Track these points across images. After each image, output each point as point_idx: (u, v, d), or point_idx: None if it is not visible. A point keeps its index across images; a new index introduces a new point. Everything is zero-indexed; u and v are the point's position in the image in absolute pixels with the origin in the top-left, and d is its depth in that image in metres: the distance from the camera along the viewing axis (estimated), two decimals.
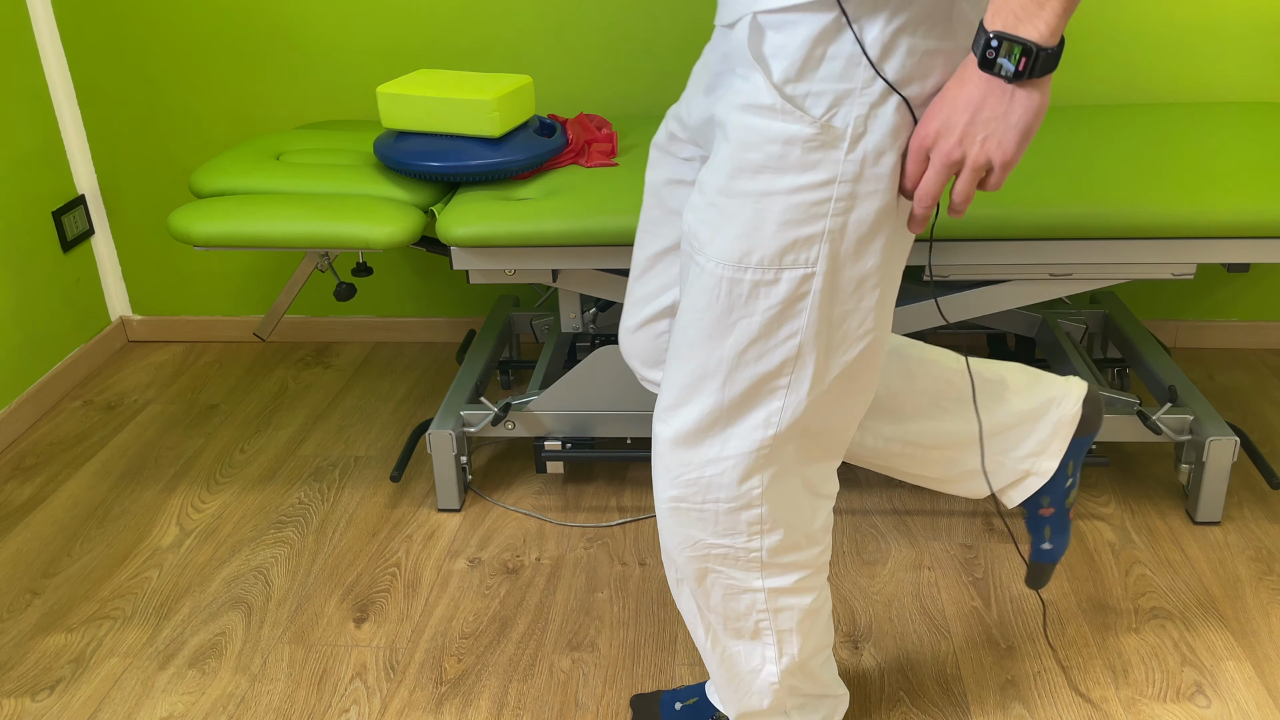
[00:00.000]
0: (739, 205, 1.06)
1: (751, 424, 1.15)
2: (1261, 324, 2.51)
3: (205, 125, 2.52)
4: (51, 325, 2.49)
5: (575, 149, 1.93)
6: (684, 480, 1.19)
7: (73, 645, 1.70)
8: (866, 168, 1.02)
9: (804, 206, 1.04)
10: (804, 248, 1.05)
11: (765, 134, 1.03)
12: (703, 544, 1.22)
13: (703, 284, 1.11)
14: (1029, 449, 1.40)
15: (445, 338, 2.70)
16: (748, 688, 1.32)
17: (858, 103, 1.00)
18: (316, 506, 2.04)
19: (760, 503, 1.19)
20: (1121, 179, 1.74)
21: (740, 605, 1.26)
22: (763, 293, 1.08)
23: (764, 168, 1.04)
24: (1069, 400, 1.39)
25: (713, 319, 1.11)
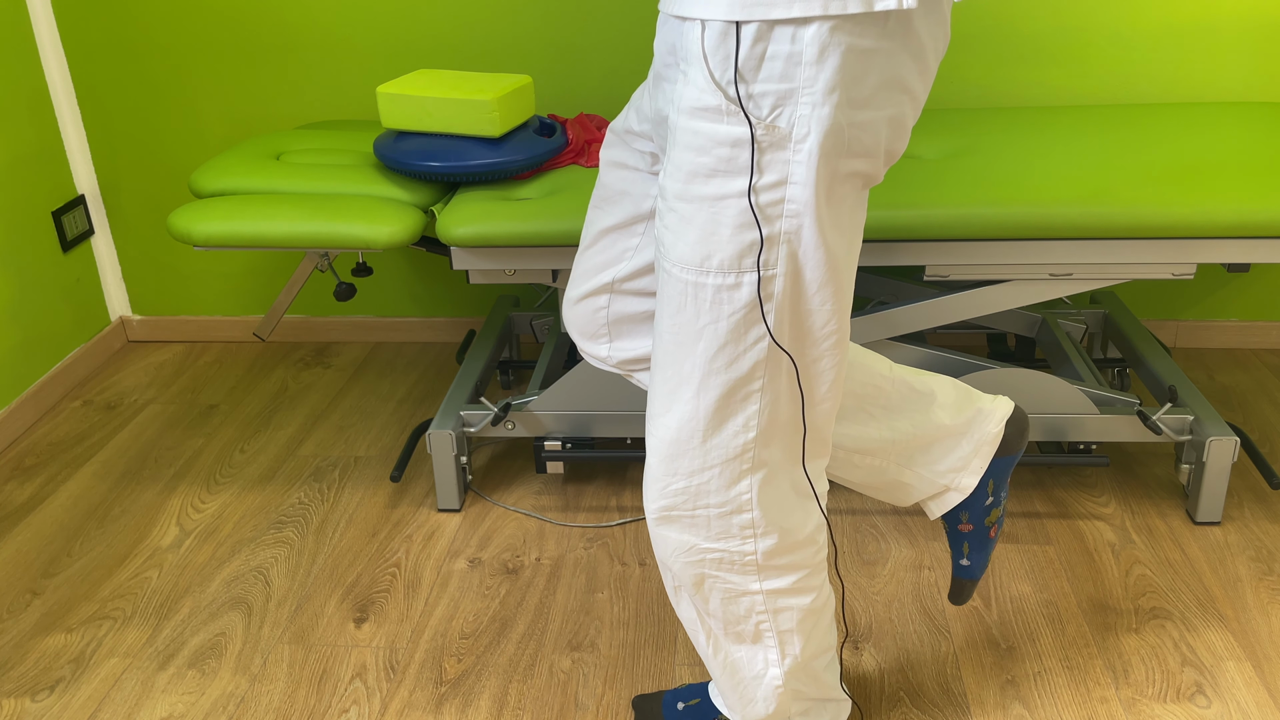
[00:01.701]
0: (695, 210, 1.07)
1: (732, 429, 1.15)
2: (1261, 324, 2.51)
3: (205, 125, 2.52)
4: (51, 325, 2.49)
5: (575, 149, 1.93)
6: (673, 490, 1.20)
7: (73, 645, 1.70)
8: (812, 168, 1.02)
9: (758, 208, 1.04)
10: (763, 250, 1.06)
11: (714, 138, 1.03)
12: (697, 549, 1.23)
13: (670, 291, 1.12)
14: (950, 464, 1.41)
15: (445, 338, 2.70)
16: (752, 694, 1.32)
17: (801, 102, 1.00)
18: (316, 506, 2.04)
19: (751, 507, 1.19)
20: (1121, 179, 1.74)
21: (740, 608, 1.26)
22: (726, 297, 1.08)
23: (715, 171, 1.04)
24: (993, 419, 1.40)
25: (681, 326, 1.12)
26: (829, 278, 1.09)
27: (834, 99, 1.00)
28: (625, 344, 1.37)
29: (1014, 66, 2.31)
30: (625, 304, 1.35)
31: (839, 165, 1.04)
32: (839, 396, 1.19)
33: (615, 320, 1.36)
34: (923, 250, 1.75)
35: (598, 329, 1.38)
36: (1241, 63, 2.27)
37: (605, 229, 1.33)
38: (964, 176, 1.79)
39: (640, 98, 1.25)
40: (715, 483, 1.18)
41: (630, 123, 1.27)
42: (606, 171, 1.31)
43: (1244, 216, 1.66)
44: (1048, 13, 2.26)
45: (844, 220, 1.08)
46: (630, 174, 1.29)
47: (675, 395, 1.16)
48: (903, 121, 1.07)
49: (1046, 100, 2.33)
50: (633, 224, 1.30)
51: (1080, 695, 1.54)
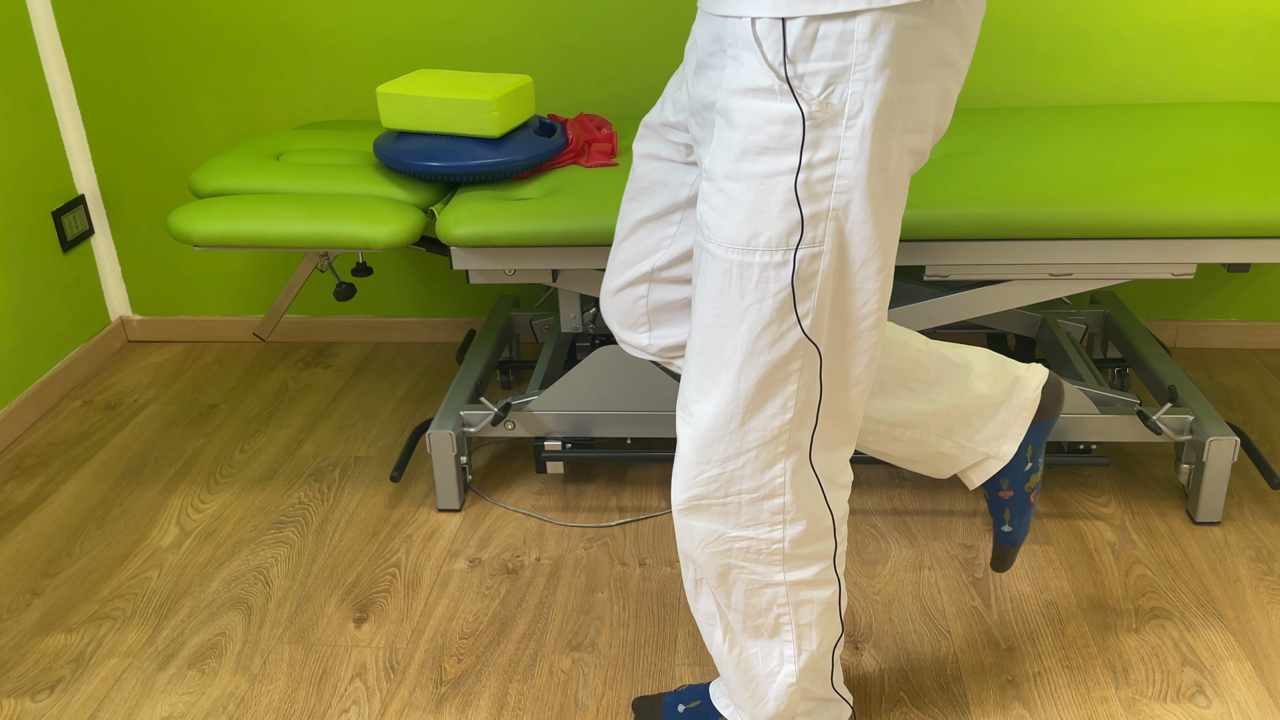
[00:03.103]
0: (744, 188, 1.08)
1: (770, 412, 1.16)
2: (1261, 324, 2.51)
3: (205, 125, 2.52)
4: (51, 325, 2.49)
5: (575, 149, 1.93)
6: (706, 478, 1.20)
7: (73, 645, 1.70)
8: (865, 143, 1.04)
9: (808, 185, 1.05)
10: (810, 227, 1.07)
11: (766, 115, 1.04)
12: (725, 538, 1.23)
13: (714, 272, 1.12)
14: (990, 432, 1.43)
15: (445, 338, 2.70)
16: (764, 692, 1.33)
17: (853, 80, 1.02)
18: (316, 506, 2.04)
19: (784, 491, 1.20)
20: (1121, 179, 1.74)
21: (762, 600, 1.27)
22: (772, 275, 1.09)
23: (767, 149, 1.05)
24: (1029, 386, 1.42)
25: (725, 307, 1.13)
26: (873, 255, 1.10)
27: (885, 74, 1.02)
28: (665, 332, 1.39)
29: (1014, 66, 2.31)
30: (664, 292, 1.36)
31: (891, 141, 1.05)
32: (872, 380, 1.20)
33: (655, 309, 1.38)
34: (923, 250, 1.75)
35: (637, 318, 1.40)
36: (1241, 63, 2.27)
37: (641, 220, 1.34)
38: (964, 176, 1.79)
39: (676, 89, 1.27)
40: (750, 467, 1.19)
41: (665, 115, 1.28)
42: (640, 164, 1.33)
43: (1244, 216, 1.66)
44: (1048, 13, 2.26)
45: (893, 199, 1.09)
46: (665, 165, 1.31)
47: (715, 379, 1.16)
48: (948, 95, 1.09)
49: (1046, 100, 2.33)
50: (669, 213, 1.32)
51: (1080, 695, 1.54)
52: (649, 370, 1.91)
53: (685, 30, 2.33)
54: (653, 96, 2.40)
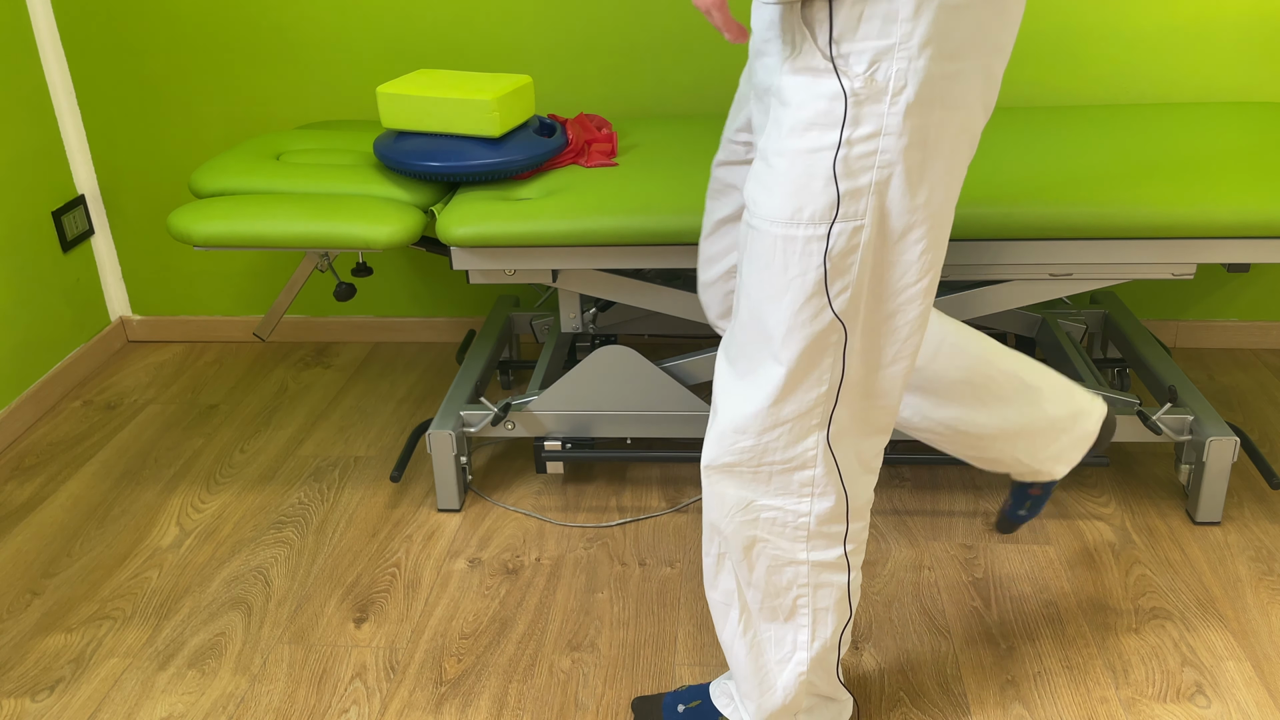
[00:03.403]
0: (790, 163, 1.11)
1: (808, 385, 1.18)
2: (1261, 324, 2.51)
3: (205, 125, 2.52)
4: (51, 325, 2.49)
5: (575, 149, 1.93)
6: (741, 447, 1.23)
7: (73, 645, 1.70)
8: (908, 119, 1.07)
9: (851, 159, 1.08)
10: (852, 200, 1.10)
11: (813, 92, 1.08)
12: (754, 506, 1.25)
13: (759, 246, 1.15)
14: (1049, 455, 1.52)
15: (445, 338, 2.70)
16: (773, 681, 1.34)
17: (897, 58, 1.05)
18: (316, 506, 2.04)
19: (815, 464, 1.22)
20: (1122, 179, 1.74)
21: (783, 579, 1.28)
22: (815, 249, 1.12)
23: (813, 124, 1.09)
24: (1091, 418, 1.52)
25: (769, 281, 1.15)
26: (915, 230, 1.13)
27: (928, 53, 1.05)
28: None
29: (1014, 66, 2.31)
30: None
31: (933, 117, 1.08)
32: (913, 360, 1.22)
33: None
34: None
35: (728, 309, 1.48)
36: (1241, 63, 2.27)
37: (720, 220, 1.44)
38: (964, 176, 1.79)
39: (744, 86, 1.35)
40: (784, 439, 1.21)
41: (735, 121, 1.37)
42: (715, 168, 1.42)
43: (1244, 216, 1.66)
44: (1048, 13, 2.26)
45: (940, 175, 1.12)
46: (733, 168, 1.39)
47: (758, 353, 1.19)
48: (992, 72, 1.11)
49: (1046, 100, 2.33)
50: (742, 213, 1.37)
51: (1080, 695, 1.54)
52: (649, 370, 1.91)
53: (686, 31, 2.33)
54: (653, 96, 2.40)
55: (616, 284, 1.92)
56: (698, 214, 1.72)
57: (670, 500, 2.02)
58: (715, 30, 2.32)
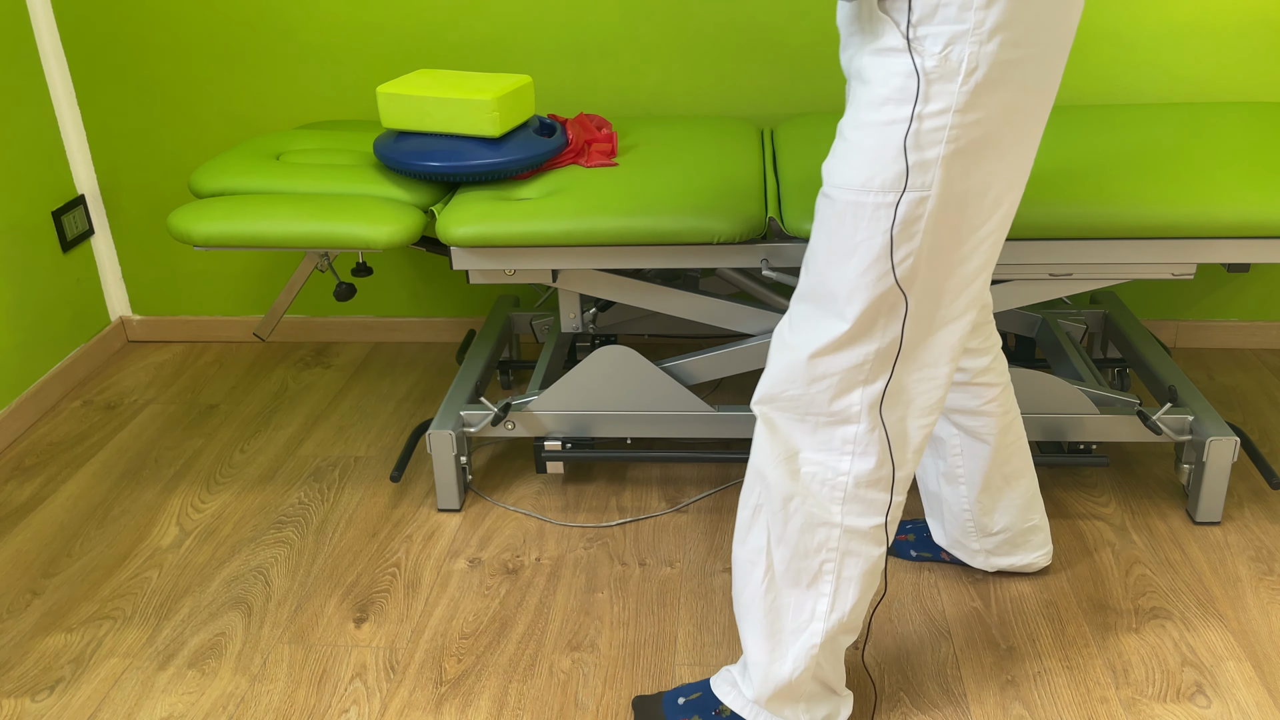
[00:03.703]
0: (864, 135, 1.20)
1: (862, 342, 1.26)
2: (1261, 324, 2.51)
3: (205, 125, 2.52)
4: (51, 325, 2.49)
5: (575, 149, 1.93)
6: (791, 394, 1.31)
7: (73, 645, 1.70)
8: (979, 96, 1.16)
9: (922, 134, 1.17)
10: (921, 172, 1.19)
11: (891, 70, 1.17)
12: (797, 457, 1.33)
13: (829, 213, 1.25)
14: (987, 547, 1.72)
15: (445, 338, 2.70)
16: (785, 650, 1.38)
17: (970, 41, 1.14)
18: (316, 506, 2.04)
19: (858, 420, 1.29)
20: (1121, 179, 1.74)
21: (814, 540, 1.34)
22: (883, 215, 1.21)
23: (889, 100, 1.18)
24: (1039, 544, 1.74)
25: (837, 245, 1.24)
26: (978, 202, 1.22)
27: (999, 38, 1.14)
28: None
29: None
30: None
31: (999, 97, 1.17)
32: (963, 331, 1.30)
33: None
34: None
35: None
36: (1241, 63, 2.27)
37: None
38: None
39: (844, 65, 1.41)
40: (831, 391, 1.29)
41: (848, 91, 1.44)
42: None
43: (1244, 216, 1.66)
44: None
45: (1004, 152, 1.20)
46: None
47: (821, 310, 1.28)
48: (1056, 58, 1.20)
49: None
50: None
51: (1080, 695, 1.54)
52: (649, 370, 1.91)
53: (686, 31, 2.33)
54: (653, 96, 2.40)
55: (616, 284, 1.92)
56: (698, 214, 1.72)
57: (670, 500, 2.02)
58: (715, 30, 2.32)
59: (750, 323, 1.94)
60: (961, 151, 1.18)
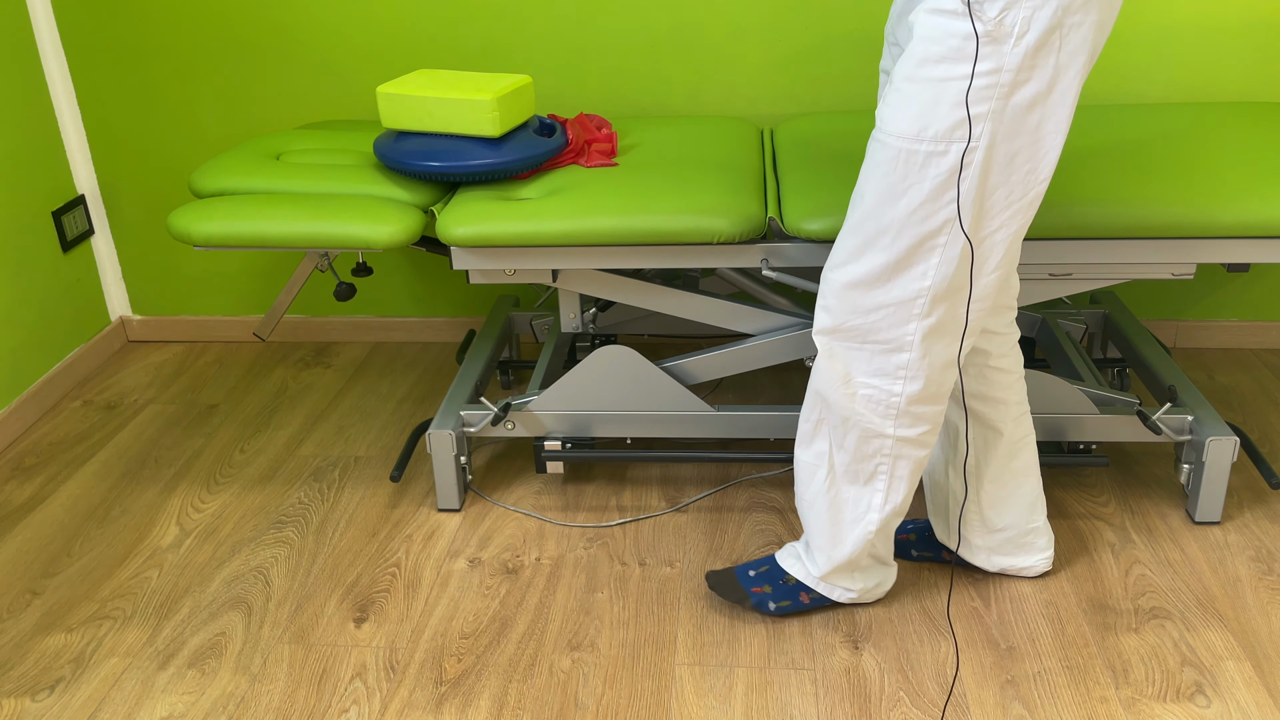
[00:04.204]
0: (920, 89, 1.31)
1: (912, 275, 1.39)
2: (1261, 324, 2.51)
3: (205, 125, 2.52)
4: (51, 325, 2.49)
5: (575, 149, 1.93)
6: (850, 325, 1.46)
7: (73, 645, 1.70)
8: (1028, 58, 1.26)
9: (975, 90, 1.28)
10: (971, 125, 1.30)
11: (948, 30, 1.27)
12: (854, 381, 1.49)
13: (882, 156, 1.36)
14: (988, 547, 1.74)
15: (445, 338, 2.70)
16: (845, 536, 1.60)
17: (1024, 5, 1.24)
18: (316, 506, 2.04)
19: (911, 348, 1.44)
20: (1121, 179, 1.74)
21: (869, 447, 1.53)
22: (934, 162, 1.32)
23: (945, 58, 1.28)
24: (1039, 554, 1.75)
25: (889, 186, 1.36)
26: (1019, 155, 1.32)
27: (1051, 4, 1.24)
28: None
29: None
30: None
31: (1049, 59, 1.27)
32: (1006, 271, 1.42)
33: None
34: None
35: None
36: (1242, 63, 2.27)
37: None
38: None
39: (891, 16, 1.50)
40: (888, 320, 1.43)
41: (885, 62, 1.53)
42: None
43: (1244, 216, 1.66)
44: None
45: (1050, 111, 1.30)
46: None
47: (872, 244, 1.40)
48: (1104, 26, 1.29)
49: None
50: None
51: (1080, 695, 1.54)
52: (649, 370, 1.91)
53: (686, 31, 2.33)
54: (653, 96, 2.40)
55: (616, 284, 1.92)
56: (698, 214, 1.72)
57: (670, 500, 2.02)
58: (716, 30, 2.32)
59: (750, 323, 1.94)
60: (1011, 108, 1.28)
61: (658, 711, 1.54)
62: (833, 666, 1.60)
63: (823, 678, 1.58)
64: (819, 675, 1.59)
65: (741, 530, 1.92)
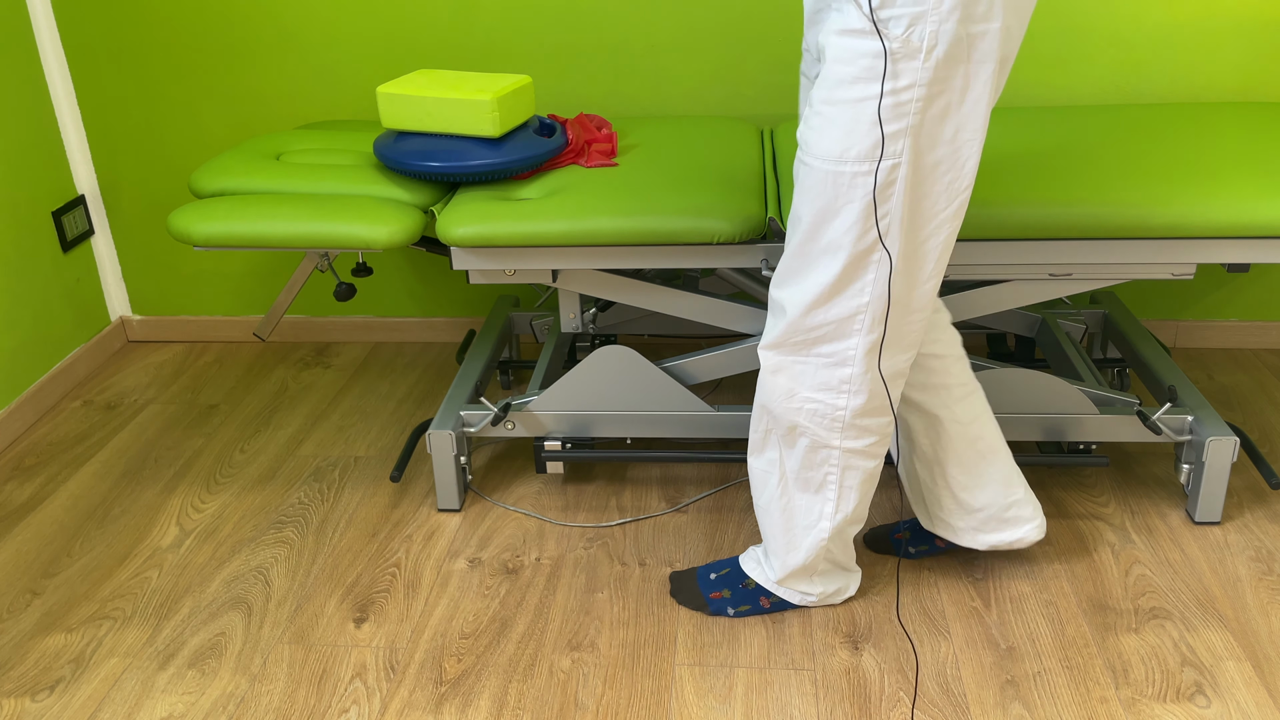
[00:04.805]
0: (839, 111, 1.32)
1: (851, 293, 1.41)
2: (1261, 324, 2.51)
3: (205, 125, 2.52)
4: (51, 325, 2.49)
5: (575, 149, 1.93)
6: (793, 342, 1.47)
7: (73, 645, 1.70)
8: (940, 71, 1.28)
9: (891, 108, 1.29)
10: (891, 142, 1.31)
11: (859, 51, 1.29)
12: (799, 396, 1.50)
13: (811, 180, 1.38)
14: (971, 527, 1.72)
15: (445, 338, 2.70)
16: (798, 543, 1.61)
17: (929, 20, 1.25)
18: (316, 506, 2.04)
19: (854, 363, 1.46)
20: (1121, 179, 1.74)
21: (818, 457, 1.54)
22: (860, 182, 1.34)
23: (859, 78, 1.30)
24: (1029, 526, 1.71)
25: (822, 208, 1.38)
26: (945, 166, 1.34)
27: (955, 16, 1.25)
28: None
29: (1014, 67, 2.31)
30: None
31: (959, 70, 1.28)
32: (939, 279, 1.44)
33: None
34: None
35: None
36: (1241, 63, 2.27)
37: None
38: None
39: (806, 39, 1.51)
40: (830, 336, 1.45)
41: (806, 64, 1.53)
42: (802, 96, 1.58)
43: (1244, 216, 1.66)
44: (1048, 13, 2.26)
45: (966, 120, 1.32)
46: None
47: (813, 265, 1.42)
48: (1011, 32, 1.30)
49: (1046, 100, 2.33)
50: None
51: (1080, 695, 1.54)
52: (649, 370, 1.91)
53: (685, 31, 2.33)
54: (653, 96, 2.40)
55: (616, 284, 1.92)
56: (697, 214, 1.72)
57: (670, 500, 2.02)
58: (716, 30, 2.32)
59: (750, 323, 1.94)
60: (928, 120, 1.30)
61: (658, 711, 1.54)
62: (833, 666, 1.60)
63: (823, 678, 1.58)
64: (819, 675, 1.59)
65: (741, 530, 1.92)
